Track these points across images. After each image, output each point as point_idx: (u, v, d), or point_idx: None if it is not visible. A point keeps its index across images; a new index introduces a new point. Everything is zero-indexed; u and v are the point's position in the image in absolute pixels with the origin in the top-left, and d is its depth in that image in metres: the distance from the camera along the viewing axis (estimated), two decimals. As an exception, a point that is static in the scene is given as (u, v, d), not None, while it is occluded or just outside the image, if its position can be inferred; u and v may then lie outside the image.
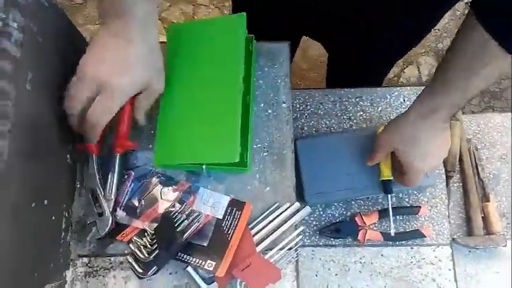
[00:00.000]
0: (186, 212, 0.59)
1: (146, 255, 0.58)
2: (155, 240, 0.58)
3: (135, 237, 0.60)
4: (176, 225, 0.58)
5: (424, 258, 0.77)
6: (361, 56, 0.89)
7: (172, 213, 0.60)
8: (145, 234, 0.60)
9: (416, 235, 0.77)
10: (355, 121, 0.84)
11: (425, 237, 0.77)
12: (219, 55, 0.62)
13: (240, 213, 0.62)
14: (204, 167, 0.60)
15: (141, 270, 0.57)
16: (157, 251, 0.57)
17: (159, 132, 0.62)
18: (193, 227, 0.58)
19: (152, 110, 0.62)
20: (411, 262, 0.77)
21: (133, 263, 0.58)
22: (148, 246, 0.58)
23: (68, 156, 0.62)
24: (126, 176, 0.63)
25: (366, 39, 0.78)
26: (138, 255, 0.58)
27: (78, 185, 0.63)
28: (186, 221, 0.58)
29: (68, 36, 0.65)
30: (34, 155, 0.52)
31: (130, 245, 0.59)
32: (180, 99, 0.62)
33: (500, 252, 0.92)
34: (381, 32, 0.74)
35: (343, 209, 0.80)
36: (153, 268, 0.57)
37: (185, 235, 0.57)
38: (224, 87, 0.61)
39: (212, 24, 0.65)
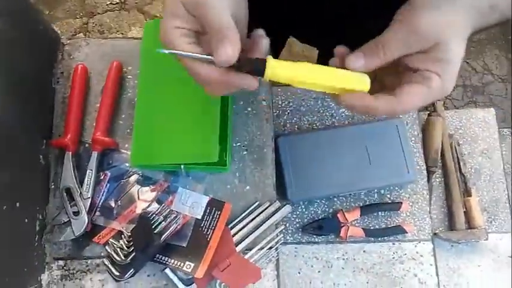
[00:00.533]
0: (164, 214, 0.58)
1: (123, 257, 0.56)
2: (132, 243, 0.57)
3: (111, 240, 0.58)
4: (153, 226, 0.57)
5: (405, 254, 0.77)
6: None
7: (150, 214, 0.58)
8: (122, 236, 0.58)
9: (397, 231, 0.77)
10: (337, 118, 0.84)
11: (407, 233, 0.77)
12: None
13: (219, 213, 0.61)
14: (182, 166, 0.59)
15: (117, 273, 0.56)
16: (134, 254, 0.56)
17: (135, 131, 0.60)
18: (171, 228, 0.57)
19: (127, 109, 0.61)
20: (393, 258, 0.77)
21: (110, 266, 0.57)
22: (125, 248, 0.57)
23: (41, 156, 0.60)
24: (102, 177, 0.61)
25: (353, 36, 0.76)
26: (115, 258, 0.57)
27: (53, 186, 0.62)
28: (163, 222, 0.57)
29: (41, 33, 0.63)
30: (3, 155, 0.50)
31: (107, 247, 0.58)
32: (157, 98, 0.61)
33: (482, 246, 0.93)
34: (370, 30, 0.73)
35: (325, 206, 0.80)
36: (130, 271, 0.56)
37: (163, 237, 0.56)
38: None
39: None
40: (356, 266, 0.77)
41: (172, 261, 0.58)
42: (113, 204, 0.60)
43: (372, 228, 0.78)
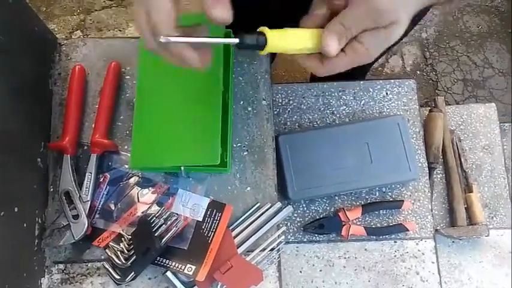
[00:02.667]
0: (164, 216, 0.58)
1: (123, 261, 0.56)
2: (132, 246, 0.56)
3: (111, 243, 0.58)
4: (154, 229, 0.56)
5: (407, 252, 0.77)
6: None
7: (150, 217, 0.58)
8: (122, 239, 0.58)
9: (399, 229, 0.77)
10: (338, 115, 0.83)
11: (408, 231, 0.77)
12: None
13: (220, 215, 0.60)
14: (182, 168, 0.59)
15: (118, 277, 0.56)
16: (134, 257, 0.56)
17: (135, 134, 0.59)
18: (171, 231, 0.56)
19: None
20: (395, 256, 0.77)
21: (110, 270, 0.56)
22: (126, 251, 0.57)
23: (39, 159, 0.59)
24: (101, 179, 0.61)
25: None
26: (115, 262, 0.56)
27: (52, 189, 0.61)
28: (164, 225, 0.57)
29: (36, 33, 0.62)
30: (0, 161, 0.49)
31: (107, 250, 0.58)
32: (156, 99, 0.60)
33: (483, 242, 0.93)
34: None
35: (326, 205, 0.79)
36: (131, 274, 0.55)
37: (163, 240, 0.56)
38: (202, 87, 0.58)
39: (187, 21, 0.63)
40: (358, 264, 0.77)
41: (174, 264, 0.57)
42: (112, 207, 0.60)
43: (373, 226, 0.78)
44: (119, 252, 0.57)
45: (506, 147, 1.03)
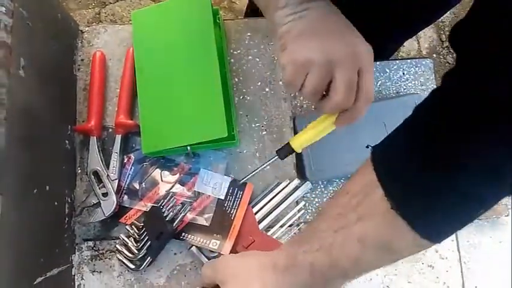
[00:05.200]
0: (170, 205, 0.60)
1: (136, 251, 0.58)
2: (145, 233, 0.58)
3: (122, 235, 0.60)
4: (165, 215, 0.59)
5: (426, 230, 0.78)
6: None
7: (160, 204, 0.60)
8: (129, 233, 0.60)
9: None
10: (354, 96, 0.83)
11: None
12: (188, 33, 0.62)
13: (241, 193, 0.62)
14: (188, 148, 0.60)
15: (133, 266, 0.59)
16: (149, 243, 0.58)
17: (142, 121, 0.61)
18: (180, 217, 0.59)
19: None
20: (414, 234, 0.78)
21: (124, 260, 0.59)
22: (136, 243, 0.59)
23: (67, 141, 0.62)
24: (126, 160, 0.63)
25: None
26: (128, 256, 0.59)
27: (79, 171, 0.64)
28: (171, 213, 0.59)
29: (60, 20, 0.64)
30: (31, 141, 0.52)
31: (117, 245, 0.60)
32: (157, 84, 0.62)
33: (503, 222, 0.93)
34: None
35: (344, 185, 0.80)
36: (147, 260, 0.58)
37: (175, 223, 0.59)
38: (199, 65, 0.60)
39: (177, 4, 0.64)
40: (376, 243, 0.78)
41: (198, 239, 0.59)
42: (137, 186, 0.62)
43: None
44: (130, 245, 0.59)
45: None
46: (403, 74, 0.84)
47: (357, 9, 0.50)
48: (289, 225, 0.62)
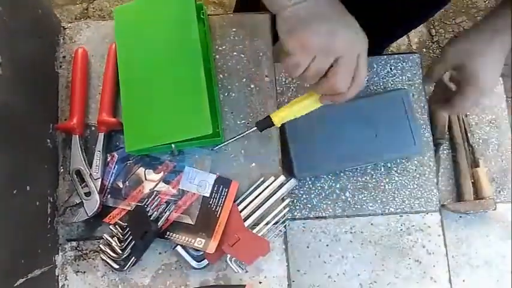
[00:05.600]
0: (154, 204, 0.59)
1: (120, 252, 0.58)
2: (129, 233, 0.57)
3: (105, 235, 0.59)
4: (149, 214, 0.58)
5: (413, 225, 0.78)
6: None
7: (144, 203, 0.60)
8: (113, 233, 0.59)
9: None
10: (341, 92, 0.83)
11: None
12: (171, 29, 0.61)
13: (227, 190, 0.61)
14: (173, 146, 0.59)
15: (117, 266, 0.58)
16: (133, 243, 0.57)
17: (125, 118, 0.60)
18: (165, 215, 0.59)
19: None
20: (401, 230, 0.78)
21: (108, 260, 0.58)
22: (120, 243, 0.58)
23: (48, 140, 0.61)
24: (109, 158, 0.62)
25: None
26: (112, 256, 0.58)
27: (62, 170, 0.63)
28: (156, 212, 0.59)
29: (41, 17, 0.63)
30: (10, 141, 0.51)
31: (101, 245, 0.59)
32: (140, 81, 0.61)
33: (490, 216, 0.93)
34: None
35: (332, 181, 0.80)
36: (132, 260, 0.58)
37: (160, 222, 0.58)
38: (183, 61, 0.59)
39: None
40: (364, 238, 0.78)
41: (183, 238, 0.59)
42: (121, 185, 0.61)
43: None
44: (113, 245, 0.58)
45: (514, 121, 1.03)
46: (391, 69, 0.84)
47: (355, 7, 0.50)
48: (275, 223, 0.61)
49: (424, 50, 1.50)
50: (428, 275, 0.77)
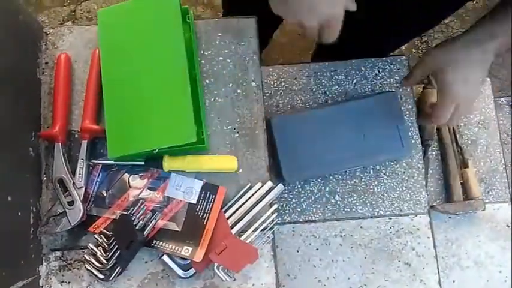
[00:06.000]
0: (140, 213, 0.58)
1: (105, 261, 0.57)
2: (115, 242, 0.57)
3: (90, 245, 0.58)
4: (135, 224, 0.57)
5: (402, 228, 0.78)
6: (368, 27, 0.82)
7: (129, 211, 0.59)
8: (98, 242, 0.58)
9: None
10: (330, 95, 0.83)
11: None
12: (156, 33, 0.60)
13: (214, 197, 0.61)
14: (155, 151, 0.58)
15: (102, 276, 0.57)
16: (118, 252, 0.56)
17: (108, 124, 0.58)
18: (151, 224, 0.58)
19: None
20: (390, 232, 0.78)
21: (93, 271, 0.57)
22: (106, 253, 0.57)
23: (30, 149, 0.60)
24: (93, 166, 0.61)
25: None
26: (97, 266, 0.57)
27: (45, 178, 0.61)
28: (141, 221, 0.58)
29: (21, 22, 0.62)
30: (-11, 151, 0.50)
31: (85, 255, 0.58)
32: (124, 86, 0.59)
33: (479, 216, 0.94)
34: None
35: (321, 185, 0.80)
36: (117, 270, 0.57)
37: (146, 231, 0.57)
38: (168, 66, 0.58)
39: (145, 2, 0.62)
40: (354, 242, 0.78)
41: (170, 246, 0.58)
42: (104, 194, 0.60)
43: (368, 204, 0.78)
44: (98, 254, 0.57)
45: (502, 122, 1.03)
46: (379, 71, 0.84)
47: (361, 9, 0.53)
48: (263, 229, 0.61)
49: (414, 50, 1.51)
50: (418, 278, 0.77)
